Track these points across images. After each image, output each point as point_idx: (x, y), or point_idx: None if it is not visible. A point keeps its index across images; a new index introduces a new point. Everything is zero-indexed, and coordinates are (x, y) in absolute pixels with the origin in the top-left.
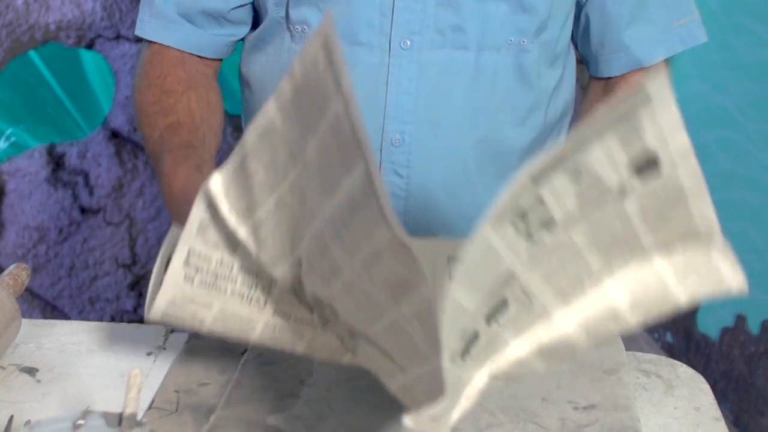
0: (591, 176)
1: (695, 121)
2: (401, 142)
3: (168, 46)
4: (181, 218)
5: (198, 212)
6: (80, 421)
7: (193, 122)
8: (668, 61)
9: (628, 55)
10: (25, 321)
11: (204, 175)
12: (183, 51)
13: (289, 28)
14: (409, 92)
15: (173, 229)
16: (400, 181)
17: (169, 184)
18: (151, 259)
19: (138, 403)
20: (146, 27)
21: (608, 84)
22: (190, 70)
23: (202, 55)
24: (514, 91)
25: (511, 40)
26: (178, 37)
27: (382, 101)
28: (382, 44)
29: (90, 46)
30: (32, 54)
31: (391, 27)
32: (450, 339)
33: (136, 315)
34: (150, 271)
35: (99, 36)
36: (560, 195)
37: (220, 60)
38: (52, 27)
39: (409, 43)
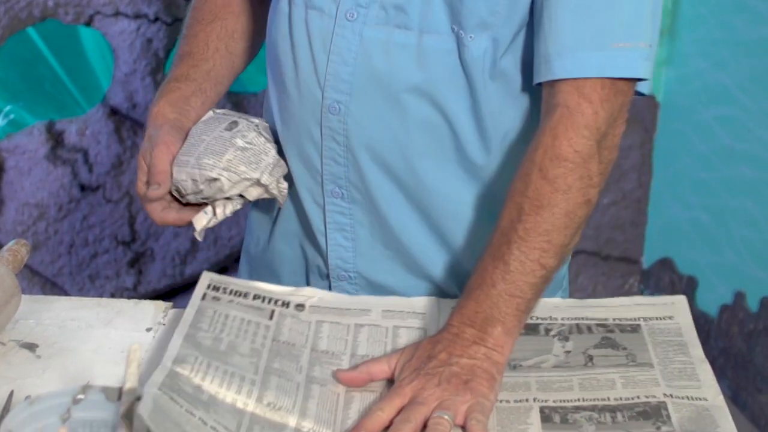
0: None
1: (696, 98)
2: (337, 111)
3: None
4: (148, 138)
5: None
6: (80, 396)
7: (203, 54)
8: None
9: (555, 63)
10: (24, 297)
11: (190, 106)
12: None
13: None
14: (347, 63)
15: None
16: (338, 147)
17: (151, 107)
18: (151, 236)
19: (137, 378)
20: None
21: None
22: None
23: None
24: (462, 79)
25: (453, 28)
26: None
27: (324, 68)
28: (330, 11)
29: (88, 23)
30: (30, 31)
31: None
32: None
33: (135, 292)
34: (149, 248)
35: (97, 13)
36: None
37: None
38: (51, 3)
39: (354, 15)
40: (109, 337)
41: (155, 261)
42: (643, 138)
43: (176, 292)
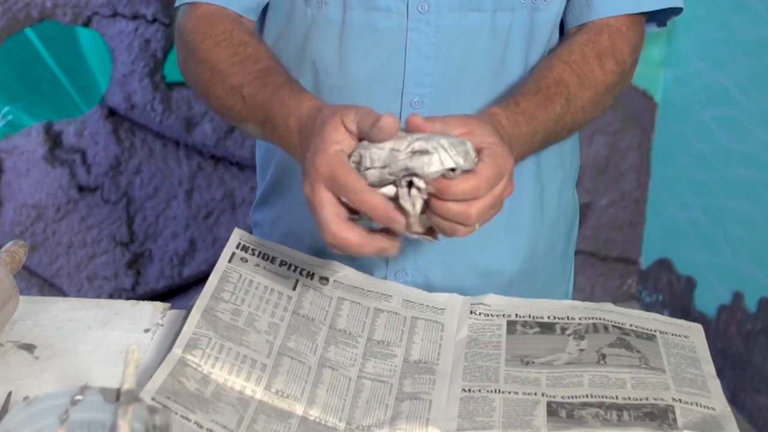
0: None
1: (694, 98)
2: (421, 105)
3: (218, 8)
4: (311, 136)
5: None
6: (78, 397)
7: (282, 66)
8: (641, 23)
9: (590, 5)
10: (22, 298)
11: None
12: (231, 11)
13: None
14: (428, 56)
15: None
16: None
17: (297, 110)
18: (149, 237)
19: (135, 379)
20: None
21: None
22: (247, 28)
23: (248, 16)
24: (527, 51)
25: (524, 0)
26: None
27: (401, 65)
28: (399, 9)
29: (87, 23)
30: (29, 31)
31: None
32: None
33: (133, 293)
34: (148, 249)
35: (95, 13)
36: None
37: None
38: (49, 4)
39: (426, 6)
40: (107, 338)
41: (153, 262)
42: (642, 138)
43: (175, 293)
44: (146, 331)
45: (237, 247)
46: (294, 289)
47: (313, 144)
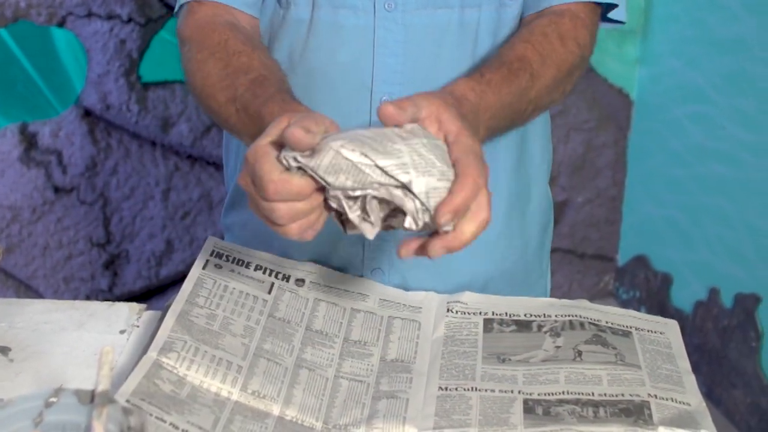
0: None
1: (669, 96)
2: None
3: (217, 7)
4: None
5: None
6: (52, 399)
7: (275, 75)
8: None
9: None
10: None
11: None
12: (233, 8)
13: None
14: (396, 53)
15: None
16: None
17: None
18: (126, 238)
19: (110, 380)
20: None
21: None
22: (246, 32)
23: (250, 12)
24: (495, 47)
25: None
26: None
27: (370, 63)
28: (366, 7)
29: (61, 23)
30: (2, 32)
31: None
32: None
33: (111, 294)
34: (124, 250)
35: (70, 13)
36: None
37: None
38: (23, 4)
39: (393, 4)
40: (82, 339)
41: (130, 263)
42: (617, 136)
43: (152, 293)
44: (122, 332)
45: (211, 255)
46: (269, 292)
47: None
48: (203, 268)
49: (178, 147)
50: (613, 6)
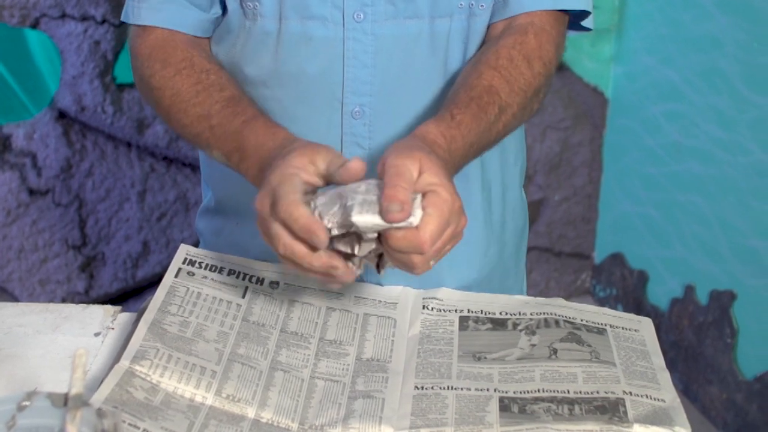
0: None
1: (643, 94)
2: (361, 114)
3: (171, 31)
4: (275, 160)
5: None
6: (25, 403)
7: (246, 94)
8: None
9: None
10: None
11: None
12: (187, 34)
13: (242, 5)
14: (366, 65)
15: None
16: (362, 153)
17: (271, 140)
18: (102, 240)
19: (83, 383)
20: (143, 14)
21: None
22: (207, 50)
23: (203, 36)
24: (465, 57)
25: (461, 5)
26: (179, 19)
27: (340, 74)
28: (335, 18)
29: (35, 25)
30: None
31: (343, 0)
32: None
33: (87, 296)
34: (100, 252)
35: (44, 15)
36: None
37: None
38: None
39: (362, 15)
40: (56, 342)
41: (107, 265)
42: (593, 134)
43: (129, 295)
44: (97, 334)
45: (183, 262)
46: (243, 296)
47: (275, 165)
48: (175, 276)
49: (153, 148)
50: (587, 14)
